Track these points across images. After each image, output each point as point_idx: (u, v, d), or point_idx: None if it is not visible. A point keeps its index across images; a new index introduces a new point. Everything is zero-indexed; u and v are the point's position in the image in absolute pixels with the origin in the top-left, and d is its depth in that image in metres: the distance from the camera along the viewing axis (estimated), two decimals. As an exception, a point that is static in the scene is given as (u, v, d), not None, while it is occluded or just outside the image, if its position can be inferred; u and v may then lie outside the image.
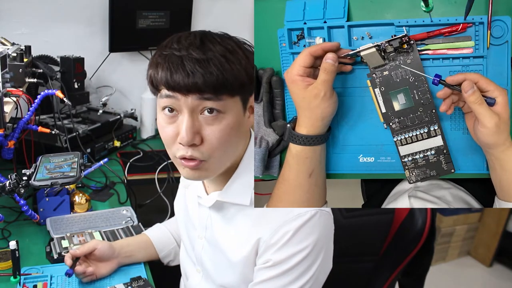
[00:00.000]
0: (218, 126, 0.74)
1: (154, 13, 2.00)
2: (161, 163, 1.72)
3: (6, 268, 1.04)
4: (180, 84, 0.70)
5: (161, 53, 0.74)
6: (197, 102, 0.72)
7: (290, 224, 0.78)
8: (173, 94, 0.72)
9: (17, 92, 1.22)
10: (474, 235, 2.81)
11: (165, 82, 0.72)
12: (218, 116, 0.74)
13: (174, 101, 0.73)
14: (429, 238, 1.17)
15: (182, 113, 0.74)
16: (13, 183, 0.95)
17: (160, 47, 0.75)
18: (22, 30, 1.81)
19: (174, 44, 0.73)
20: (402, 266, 1.24)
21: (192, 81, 0.70)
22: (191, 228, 0.96)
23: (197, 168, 0.76)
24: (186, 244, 1.00)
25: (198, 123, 0.74)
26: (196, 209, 0.94)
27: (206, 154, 0.75)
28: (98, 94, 2.02)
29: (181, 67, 0.70)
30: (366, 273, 1.27)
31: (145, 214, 1.56)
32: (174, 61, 0.71)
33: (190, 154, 0.74)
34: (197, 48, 0.72)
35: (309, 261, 0.79)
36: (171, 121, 0.75)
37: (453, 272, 2.69)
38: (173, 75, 0.70)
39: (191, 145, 0.74)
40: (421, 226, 1.16)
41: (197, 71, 0.70)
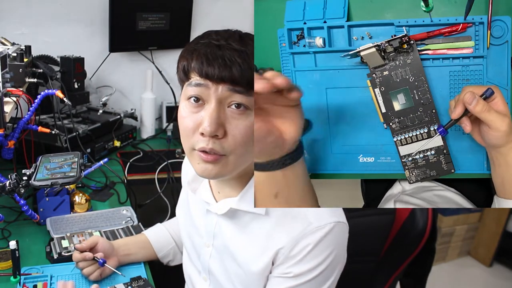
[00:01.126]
0: (244, 122, 0.71)
1: (154, 15, 2.00)
2: (161, 163, 1.72)
3: (6, 268, 1.04)
4: (215, 72, 0.68)
5: (197, 41, 0.72)
6: (228, 93, 0.69)
7: (309, 238, 0.76)
8: (204, 82, 0.69)
9: (17, 92, 1.22)
10: (474, 235, 2.81)
11: (199, 69, 0.69)
12: (245, 112, 0.70)
13: (203, 90, 0.70)
14: (431, 238, 1.17)
15: (209, 102, 0.70)
16: (13, 183, 0.95)
17: (196, 38, 0.73)
18: (22, 30, 1.81)
19: (213, 35, 0.72)
20: (403, 266, 1.24)
21: (229, 71, 0.68)
22: (196, 236, 0.93)
23: (215, 163, 0.72)
24: (190, 252, 0.97)
25: (224, 115, 0.70)
26: (202, 216, 0.90)
27: (227, 149, 0.71)
28: (98, 94, 2.02)
29: (220, 56, 0.68)
30: (367, 274, 1.27)
31: (145, 214, 1.56)
32: (213, 49, 0.69)
33: (210, 147, 0.70)
34: (236, 40, 0.70)
35: (328, 272, 0.79)
36: (195, 111, 0.71)
37: (453, 272, 2.69)
38: (210, 62, 0.68)
39: (213, 136, 0.70)
40: (423, 226, 1.16)
41: (236, 61, 0.68)
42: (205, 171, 0.73)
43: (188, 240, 0.98)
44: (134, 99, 2.13)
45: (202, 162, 0.73)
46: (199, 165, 0.74)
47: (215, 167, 0.73)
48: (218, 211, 0.84)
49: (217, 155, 0.72)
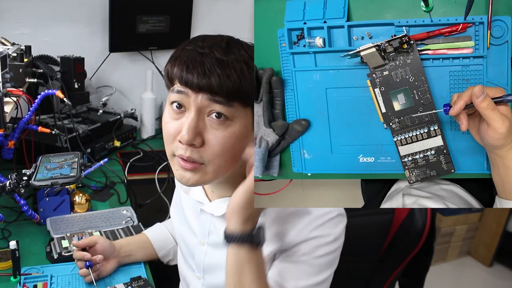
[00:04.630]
0: (223, 132, 0.71)
1: (154, 17, 2.00)
2: (161, 163, 1.72)
3: (6, 268, 1.04)
4: (194, 81, 0.68)
5: (184, 47, 0.72)
6: (207, 102, 0.70)
7: (315, 222, 0.79)
8: (184, 90, 0.70)
9: (17, 92, 1.22)
10: (474, 235, 2.81)
11: (179, 76, 0.70)
12: (225, 123, 0.71)
13: (183, 97, 0.71)
14: (429, 238, 1.17)
15: (189, 110, 0.71)
16: (13, 183, 0.95)
17: (184, 43, 0.74)
18: (22, 30, 1.81)
19: (199, 42, 0.72)
20: (402, 266, 1.24)
21: (207, 80, 0.68)
22: (190, 235, 0.93)
23: (194, 171, 0.73)
24: (184, 252, 0.98)
25: (202, 124, 0.71)
26: (195, 215, 0.91)
27: (205, 158, 0.72)
28: (98, 94, 2.02)
29: (200, 64, 0.69)
30: (366, 273, 1.27)
31: (145, 214, 1.56)
32: (194, 57, 0.69)
33: (188, 155, 0.72)
34: (221, 49, 0.70)
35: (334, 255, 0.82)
36: (177, 117, 0.73)
37: (453, 272, 2.69)
38: (189, 71, 0.69)
39: (191, 145, 0.71)
40: (421, 226, 1.16)
41: (215, 71, 0.68)
42: (183, 179, 0.75)
43: (182, 240, 0.98)
44: (134, 99, 2.13)
45: (180, 169, 0.74)
46: (178, 172, 0.75)
47: (194, 175, 0.74)
48: (214, 212, 0.84)
49: (195, 163, 0.73)
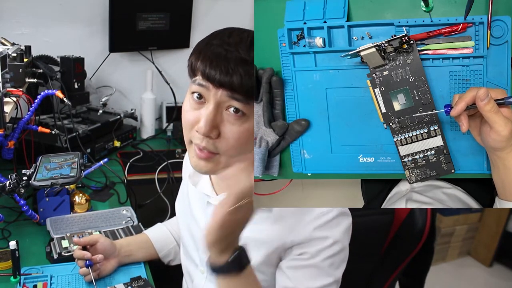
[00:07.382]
0: (239, 127, 0.73)
1: (154, 15, 2.00)
2: (161, 163, 1.72)
3: (6, 268, 1.04)
4: (216, 77, 0.70)
5: (209, 41, 0.73)
6: (226, 98, 0.72)
7: (320, 219, 0.81)
8: (205, 84, 0.72)
9: (17, 92, 1.22)
10: (474, 235, 2.81)
11: (202, 71, 0.72)
12: (242, 118, 0.73)
13: (204, 90, 0.73)
14: (429, 238, 1.18)
15: (208, 102, 0.73)
16: (13, 183, 0.95)
17: (211, 35, 0.75)
18: (22, 30, 1.81)
19: (225, 36, 0.73)
20: (402, 266, 1.24)
21: (230, 78, 0.70)
22: (196, 228, 0.95)
23: (208, 160, 0.76)
24: (189, 244, 0.99)
25: (220, 117, 0.73)
26: (202, 208, 0.93)
27: (220, 149, 0.75)
28: (98, 94, 2.02)
29: (223, 62, 0.70)
30: (366, 273, 1.27)
31: (145, 214, 1.56)
32: (219, 53, 0.71)
33: (204, 145, 0.74)
34: (246, 47, 0.71)
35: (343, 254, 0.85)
36: (196, 107, 0.75)
37: (453, 272, 2.69)
38: (212, 67, 0.70)
39: (207, 136, 0.73)
40: (421, 226, 1.17)
41: (238, 70, 0.70)
42: (197, 166, 0.78)
43: (187, 232, 0.99)
44: (134, 99, 2.13)
45: (196, 157, 0.77)
46: (193, 159, 0.78)
47: (207, 164, 0.77)
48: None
49: (210, 153, 0.75)
